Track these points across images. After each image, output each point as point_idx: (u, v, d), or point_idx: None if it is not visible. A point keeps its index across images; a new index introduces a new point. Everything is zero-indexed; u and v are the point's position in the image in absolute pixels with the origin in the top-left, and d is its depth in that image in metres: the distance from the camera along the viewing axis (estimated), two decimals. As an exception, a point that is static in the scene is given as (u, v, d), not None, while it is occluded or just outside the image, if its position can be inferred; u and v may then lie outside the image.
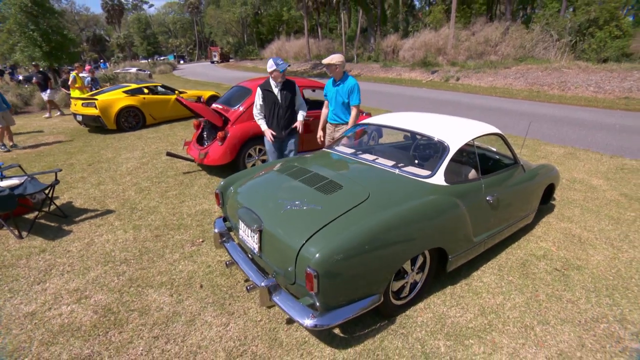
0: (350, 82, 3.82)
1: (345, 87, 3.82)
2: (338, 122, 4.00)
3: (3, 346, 2.12)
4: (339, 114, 3.95)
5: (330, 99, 3.97)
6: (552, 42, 16.10)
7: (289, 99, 3.89)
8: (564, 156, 5.94)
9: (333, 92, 3.90)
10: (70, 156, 6.35)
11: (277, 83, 3.83)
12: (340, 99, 3.85)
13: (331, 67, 3.76)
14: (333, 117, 4.01)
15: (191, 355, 2.04)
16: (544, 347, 2.11)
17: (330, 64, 3.73)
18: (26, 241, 3.35)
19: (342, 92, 3.83)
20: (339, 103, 3.88)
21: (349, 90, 3.81)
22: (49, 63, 16.29)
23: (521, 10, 30.14)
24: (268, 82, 3.89)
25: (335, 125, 4.03)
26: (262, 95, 3.89)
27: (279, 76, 3.76)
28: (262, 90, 3.87)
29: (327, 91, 4.03)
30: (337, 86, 3.85)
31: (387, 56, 23.22)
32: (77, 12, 61.07)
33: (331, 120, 4.05)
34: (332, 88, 3.92)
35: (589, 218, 3.78)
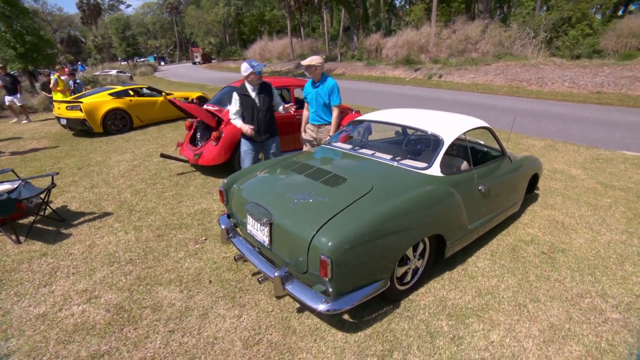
0: (330, 82, 3.81)
1: (325, 88, 3.80)
2: (320, 122, 3.96)
3: (19, 347, 2.14)
4: (320, 114, 3.92)
5: (310, 100, 3.93)
6: (529, 39, 16.72)
7: (267, 102, 3.77)
8: (545, 148, 6.26)
9: (313, 93, 3.86)
10: (58, 160, 6.24)
11: (254, 87, 3.68)
12: (321, 100, 3.82)
13: (311, 69, 3.72)
14: (315, 117, 3.97)
15: (209, 346, 2.11)
16: (536, 322, 2.29)
17: (310, 66, 3.69)
18: (25, 246, 3.32)
19: (322, 93, 3.80)
20: (319, 104, 3.85)
21: (329, 91, 3.79)
22: (24, 65, 15.75)
23: (498, 8, 31.09)
24: (244, 86, 3.71)
25: (317, 125, 3.99)
26: (240, 101, 3.72)
27: (255, 79, 3.62)
28: (239, 95, 3.71)
29: (307, 93, 3.99)
30: (317, 87, 3.82)
31: (371, 55, 23.51)
32: (50, 12, 58.85)
33: (313, 121, 4.01)
34: (311, 89, 3.89)
35: (570, 205, 4.04)
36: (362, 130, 4.06)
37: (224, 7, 43.06)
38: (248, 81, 3.66)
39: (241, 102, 3.73)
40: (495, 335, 2.18)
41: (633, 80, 11.76)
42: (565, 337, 2.17)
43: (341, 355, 2.03)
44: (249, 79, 3.62)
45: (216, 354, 2.05)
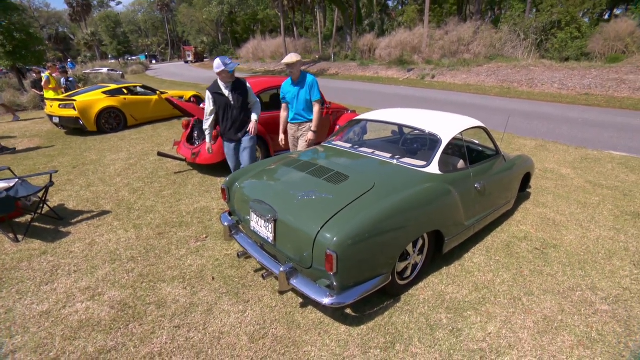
0: (310, 77, 3.78)
1: (306, 84, 3.74)
2: (301, 120, 3.89)
3: (24, 343, 2.15)
4: (301, 112, 3.85)
5: (291, 99, 3.84)
6: (520, 41, 17.03)
7: (242, 100, 3.69)
8: (536, 148, 6.42)
9: (294, 92, 3.78)
10: (52, 159, 6.17)
11: (227, 84, 3.61)
12: (303, 97, 3.76)
13: (293, 66, 3.64)
14: (296, 117, 3.90)
15: (215, 340, 2.15)
16: (531, 314, 2.39)
17: (293, 63, 3.61)
18: (23, 244, 3.31)
19: (305, 90, 3.75)
20: (301, 102, 3.78)
21: (310, 87, 3.74)
22: (13, 62, 15.43)
23: (489, 10, 31.54)
24: (217, 84, 3.63)
25: (298, 124, 3.92)
26: (213, 99, 3.65)
27: (228, 77, 3.54)
28: (212, 93, 3.64)
29: (285, 92, 3.89)
30: (297, 85, 3.77)
31: (364, 55, 23.64)
32: (37, 8, 57.65)
33: (294, 121, 3.94)
34: (291, 88, 3.81)
35: (560, 203, 4.17)
36: (359, 130, 4.13)
37: (217, 6, 42.75)
38: (220, 79, 3.59)
39: (214, 100, 3.66)
40: (492, 327, 2.27)
41: (619, 83, 12.09)
42: (558, 328, 2.27)
43: (345, 348, 2.09)
44: (221, 76, 3.56)
45: (223, 349, 2.09)
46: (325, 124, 6.00)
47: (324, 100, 5.97)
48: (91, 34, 48.58)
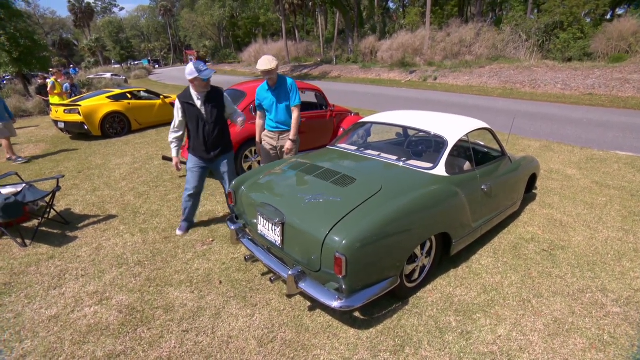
0: (289, 82, 3.51)
1: (285, 88, 3.49)
2: (282, 128, 3.59)
3: (34, 348, 2.15)
4: (283, 120, 3.55)
5: (268, 106, 3.54)
6: (522, 42, 17.02)
7: (217, 113, 3.21)
8: (541, 149, 6.39)
9: (272, 98, 3.50)
10: (57, 164, 6.21)
11: (200, 94, 3.14)
12: (283, 104, 3.49)
13: (270, 73, 3.34)
14: (276, 125, 3.59)
15: (224, 344, 2.15)
16: (541, 316, 2.37)
17: (270, 70, 3.30)
18: (31, 249, 3.32)
19: (283, 96, 3.49)
20: (281, 108, 3.50)
21: (289, 92, 3.49)
22: (18, 69, 15.60)
23: (491, 12, 31.57)
24: (188, 92, 3.17)
25: (279, 133, 3.62)
26: (182, 110, 3.19)
27: (202, 85, 3.08)
28: (182, 103, 3.18)
29: (262, 99, 3.57)
30: (276, 90, 3.48)
31: (366, 57, 23.69)
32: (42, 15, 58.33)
33: (274, 129, 3.62)
34: (269, 95, 3.51)
35: (567, 204, 4.14)
36: (363, 133, 4.13)
37: (219, 9, 43.08)
38: (193, 87, 3.13)
39: (184, 111, 3.18)
40: (502, 329, 2.25)
41: (623, 82, 12.03)
42: (569, 331, 2.25)
43: (354, 351, 2.08)
44: (194, 85, 3.09)
45: (232, 352, 2.09)
46: (329, 127, 6.02)
47: (328, 104, 6.01)
48: (94, 39, 49.05)
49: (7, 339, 2.25)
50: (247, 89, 5.35)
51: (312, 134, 5.71)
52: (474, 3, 26.76)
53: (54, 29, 61.50)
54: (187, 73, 3.06)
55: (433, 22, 22.46)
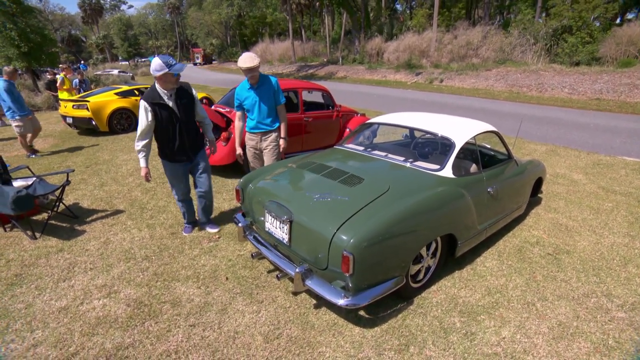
0: (272, 80, 3.37)
1: (269, 87, 3.33)
2: (265, 129, 3.45)
3: (45, 338, 2.19)
4: (265, 120, 3.42)
5: (250, 105, 3.37)
6: (529, 45, 16.94)
7: (190, 109, 2.99)
8: (547, 153, 6.37)
9: (253, 97, 3.33)
10: (65, 159, 6.29)
11: (169, 91, 2.84)
12: (266, 103, 3.35)
13: (253, 70, 3.18)
14: (258, 125, 3.44)
15: (230, 339, 2.18)
16: (545, 319, 2.37)
17: (253, 67, 3.15)
18: (41, 242, 3.37)
19: (268, 94, 3.33)
20: (264, 108, 3.36)
21: (273, 90, 3.35)
22: (28, 63, 15.78)
23: (498, 14, 31.42)
24: (155, 92, 2.82)
25: (262, 134, 3.48)
26: (152, 112, 2.82)
27: (172, 81, 2.79)
28: (151, 105, 2.79)
29: (243, 98, 3.39)
30: (258, 89, 3.33)
31: (372, 58, 23.69)
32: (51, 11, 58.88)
33: (256, 130, 3.47)
34: (250, 93, 3.34)
35: (572, 209, 4.13)
36: (370, 133, 4.14)
37: (227, 7, 43.29)
38: (161, 85, 2.81)
39: (155, 114, 2.82)
40: (506, 331, 2.26)
41: (631, 88, 11.95)
42: (573, 335, 2.25)
43: (359, 349, 2.10)
44: (163, 81, 2.77)
45: (238, 348, 2.12)
46: (335, 127, 6.04)
47: (335, 104, 6.02)
48: (103, 36, 49.46)
49: (18, 328, 2.29)
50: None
51: (318, 134, 5.73)
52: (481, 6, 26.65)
53: (63, 25, 62.06)
54: (153, 69, 2.71)
55: (440, 24, 22.41)
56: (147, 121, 2.84)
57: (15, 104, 5.98)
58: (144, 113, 2.83)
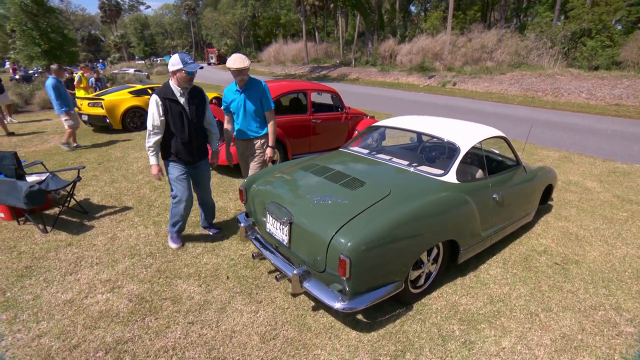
0: (260, 84, 3.23)
1: (256, 91, 3.19)
2: (252, 135, 3.31)
3: (49, 329, 2.26)
4: (251, 126, 3.27)
5: (236, 109, 3.24)
6: (546, 49, 16.57)
7: (201, 113, 2.97)
8: (560, 159, 6.21)
9: (239, 100, 3.20)
10: (79, 155, 6.46)
11: (183, 90, 2.84)
12: (252, 107, 3.19)
13: (243, 72, 3.07)
14: (245, 131, 3.30)
15: (227, 338, 2.20)
16: (548, 331, 2.31)
17: (243, 69, 3.04)
18: (51, 235, 3.47)
19: (253, 99, 3.19)
20: (250, 112, 3.21)
21: (260, 95, 3.19)
22: (48, 62, 16.32)
23: (515, 17, 30.85)
24: (169, 87, 2.81)
25: (247, 140, 3.34)
26: (164, 107, 2.77)
27: (185, 80, 2.78)
28: (163, 99, 2.76)
29: (228, 100, 3.26)
30: (245, 92, 3.18)
31: (385, 60, 23.58)
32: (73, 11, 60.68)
33: (243, 136, 3.33)
34: (237, 96, 3.20)
35: (584, 217, 4.02)
36: (377, 136, 4.12)
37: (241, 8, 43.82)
38: (175, 81, 2.80)
39: (165, 109, 2.79)
40: (506, 341, 2.21)
41: (653, 94, 11.55)
42: (577, 348, 2.19)
43: (355, 353, 2.09)
44: (178, 77, 2.77)
45: (234, 347, 2.13)
46: (343, 129, 6.03)
47: (344, 106, 6.02)
48: (120, 36, 50.66)
49: (25, 319, 2.37)
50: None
51: (326, 136, 5.74)
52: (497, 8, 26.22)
53: (83, 25, 63.88)
54: (171, 64, 2.75)
55: (454, 26, 22.14)
56: (158, 116, 2.79)
57: (60, 100, 6.44)
58: (155, 107, 2.78)
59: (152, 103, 2.77)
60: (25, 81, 17.97)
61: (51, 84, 6.36)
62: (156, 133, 2.85)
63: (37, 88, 14.07)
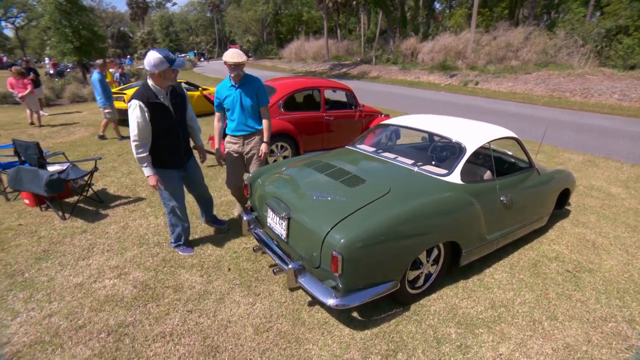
0: (255, 80, 3.19)
1: (252, 86, 3.14)
2: (247, 131, 3.23)
3: (59, 309, 2.39)
4: (248, 121, 3.21)
5: (231, 104, 3.16)
6: (577, 47, 15.78)
7: (183, 110, 2.79)
8: (582, 163, 5.93)
9: (235, 96, 3.13)
10: (101, 147, 6.74)
11: (165, 89, 2.61)
12: (247, 103, 3.14)
13: (239, 67, 3.01)
14: (241, 127, 3.22)
15: (222, 328, 2.25)
16: (551, 340, 2.23)
17: (240, 63, 2.99)
18: (69, 222, 3.66)
19: (248, 94, 3.13)
20: (246, 108, 3.15)
21: (256, 90, 3.14)
22: (78, 57, 17.05)
23: (545, 14, 29.54)
24: (149, 89, 2.55)
25: (243, 137, 3.27)
26: (148, 112, 2.52)
27: (171, 78, 2.58)
28: (146, 103, 2.50)
29: (222, 96, 3.18)
30: (240, 87, 3.12)
31: (406, 59, 23.16)
32: (104, 9, 63.18)
33: (237, 132, 3.24)
34: (232, 91, 3.13)
35: (604, 225, 3.82)
36: (390, 134, 4.06)
37: (263, 5, 44.24)
38: (158, 81, 2.55)
39: (151, 114, 2.53)
40: (504, 348, 2.15)
41: (693, 96, 10.80)
42: (580, 359, 2.10)
43: (346, 350, 2.09)
44: (162, 77, 2.52)
45: (228, 336, 2.18)
46: (357, 127, 5.99)
47: (358, 104, 5.98)
48: (147, 32, 52.31)
49: (39, 298, 2.51)
50: (277, 85, 5.46)
51: (339, 133, 5.72)
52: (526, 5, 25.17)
53: (113, 22, 66.38)
54: (152, 65, 2.44)
55: (479, 24, 21.49)
56: (144, 122, 2.52)
57: (104, 93, 6.87)
58: (139, 114, 2.48)
59: (135, 110, 2.47)
60: (58, 76, 18.93)
61: (97, 78, 6.76)
62: (145, 142, 2.59)
63: (67, 82, 14.77)
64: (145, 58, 2.50)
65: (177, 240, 3.11)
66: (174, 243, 3.13)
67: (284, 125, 5.15)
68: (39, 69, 17.69)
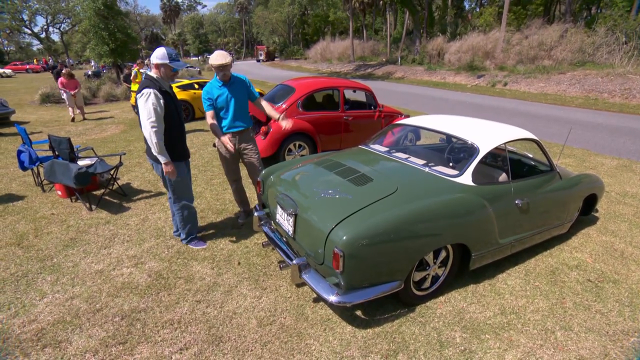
0: (242, 77, 3.30)
1: (242, 84, 3.24)
2: (241, 128, 3.30)
3: (81, 293, 2.55)
4: (240, 118, 3.26)
5: (224, 103, 3.18)
6: (618, 45, 14.82)
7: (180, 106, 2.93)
8: (617, 168, 5.58)
9: (228, 93, 3.17)
10: (129, 143, 7.09)
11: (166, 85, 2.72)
12: (242, 99, 3.24)
13: (225, 68, 3.08)
14: (235, 124, 3.26)
15: (227, 319, 2.32)
16: (563, 351, 2.13)
17: (226, 65, 3.05)
18: (95, 213, 3.89)
19: (241, 90, 3.23)
20: (240, 104, 3.23)
21: (246, 87, 3.26)
22: (114, 59, 18.02)
23: (585, 10, 27.94)
24: (154, 80, 2.64)
25: (240, 132, 3.32)
26: (165, 102, 2.62)
27: (170, 75, 2.70)
28: (163, 93, 2.62)
29: (214, 96, 3.17)
30: (231, 86, 3.19)
31: (432, 59, 22.68)
32: (139, 13, 66.28)
33: (233, 129, 3.27)
34: (223, 91, 3.16)
35: (637, 234, 3.59)
36: (406, 135, 4.00)
37: (289, 6, 44.79)
38: (159, 73, 2.66)
39: (166, 104, 2.64)
40: (510, 356, 2.07)
41: None
42: (594, 372, 1.99)
43: (346, 347, 2.10)
44: (160, 71, 2.65)
45: (232, 327, 2.25)
46: (376, 127, 5.95)
47: (377, 104, 5.94)
48: (178, 34, 54.34)
49: (64, 282, 2.70)
50: (297, 85, 5.53)
51: (358, 133, 5.71)
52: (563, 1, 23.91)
53: (147, 25, 69.48)
54: (156, 56, 2.60)
55: (511, 22, 20.65)
56: (161, 109, 2.58)
57: None
58: (155, 100, 2.54)
59: (150, 97, 2.53)
60: (95, 77, 20.08)
61: None
62: (162, 127, 2.63)
63: (103, 83, 15.62)
64: (153, 52, 2.68)
65: (188, 235, 3.20)
66: (186, 239, 3.22)
67: (302, 124, 5.21)
68: (80, 70, 18.83)
